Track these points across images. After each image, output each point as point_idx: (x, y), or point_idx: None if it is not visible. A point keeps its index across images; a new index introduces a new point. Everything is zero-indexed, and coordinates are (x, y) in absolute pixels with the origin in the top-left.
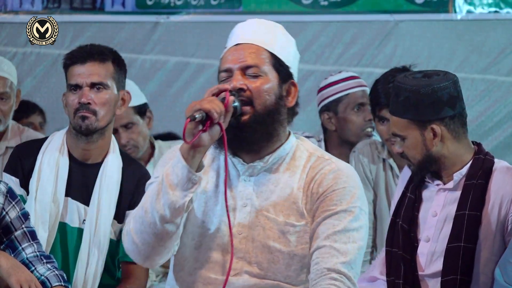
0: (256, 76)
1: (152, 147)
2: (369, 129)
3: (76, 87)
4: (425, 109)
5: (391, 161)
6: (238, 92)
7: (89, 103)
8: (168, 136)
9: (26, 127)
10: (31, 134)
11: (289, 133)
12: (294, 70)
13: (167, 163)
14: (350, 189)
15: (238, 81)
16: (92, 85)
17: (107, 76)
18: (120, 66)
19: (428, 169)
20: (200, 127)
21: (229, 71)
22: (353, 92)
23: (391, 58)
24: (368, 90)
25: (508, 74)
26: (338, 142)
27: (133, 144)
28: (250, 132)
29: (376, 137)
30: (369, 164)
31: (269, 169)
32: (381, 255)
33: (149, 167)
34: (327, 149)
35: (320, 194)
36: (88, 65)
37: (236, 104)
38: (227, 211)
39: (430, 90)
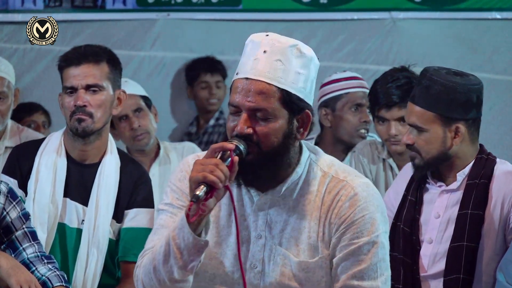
0: (264, 119)
1: (158, 146)
2: (363, 131)
3: (71, 90)
4: (457, 107)
5: (391, 161)
6: (244, 137)
7: (85, 106)
8: None
9: (25, 127)
10: (30, 134)
11: (301, 148)
12: (308, 93)
13: (178, 188)
14: (370, 216)
15: (245, 125)
16: (88, 87)
17: (102, 77)
18: (115, 65)
19: (436, 166)
20: (203, 198)
21: (238, 108)
22: (353, 92)
23: (388, 55)
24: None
25: (502, 73)
26: (332, 140)
27: (145, 130)
28: (255, 171)
29: (375, 137)
30: (369, 164)
31: (283, 197)
32: None
33: (154, 166)
34: (321, 146)
35: (339, 226)
36: (82, 67)
37: (241, 148)
38: (240, 256)
39: (466, 89)
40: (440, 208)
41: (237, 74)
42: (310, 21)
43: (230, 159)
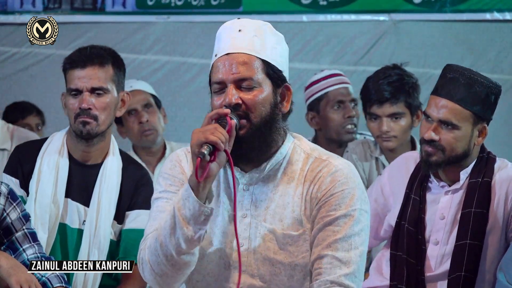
0: (250, 88)
1: (164, 146)
2: (350, 126)
3: (76, 92)
4: (489, 107)
5: (383, 158)
6: (234, 107)
7: (89, 108)
8: None
9: (16, 126)
10: (23, 134)
11: (285, 133)
12: (285, 68)
13: (169, 175)
14: (349, 191)
15: (233, 96)
16: (92, 90)
17: (107, 80)
18: (119, 67)
19: (452, 164)
20: (208, 158)
21: (222, 83)
22: (332, 90)
23: (388, 57)
24: (351, 87)
25: (500, 72)
26: (325, 141)
27: (152, 126)
28: (248, 145)
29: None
30: (361, 163)
31: (267, 176)
32: (377, 257)
33: (159, 166)
34: None
35: (319, 199)
36: (88, 69)
37: (236, 121)
38: (236, 233)
39: (497, 91)
40: (445, 209)
41: (215, 56)
42: (310, 23)
43: (227, 123)
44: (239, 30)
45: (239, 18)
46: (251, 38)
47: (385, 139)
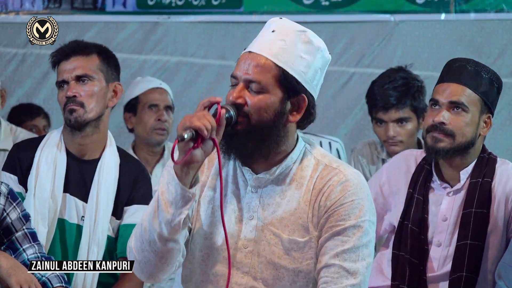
0: (257, 92)
1: (163, 148)
2: None
3: (63, 83)
4: (494, 98)
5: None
6: (237, 106)
7: (75, 96)
8: None
9: (19, 127)
10: (26, 135)
11: (297, 138)
12: (308, 80)
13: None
14: (359, 202)
15: (238, 94)
16: (78, 78)
17: (92, 68)
18: (107, 58)
19: (458, 153)
20: (191, 144)
21: (236, 78)
22: None
23: (391, 58)
24: None
25: (509, 75)
26: None
27: (167, 127)
28: (242, 143)
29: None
30: (368, 164)
31: (276, 180)
32: (377, 257)
33: (158, 167)
34: None
35: (328, 208)
36: (71, 60)
37: (231, 113)
38: (223, 224)
39: (500, 83)
40: (447, 210)
41: (244, 49)
42: (311, 23)
43: (217, 111)
44: (273, 31)
45: (281, 18)
46: (276, 41)
47: (392, 144)
